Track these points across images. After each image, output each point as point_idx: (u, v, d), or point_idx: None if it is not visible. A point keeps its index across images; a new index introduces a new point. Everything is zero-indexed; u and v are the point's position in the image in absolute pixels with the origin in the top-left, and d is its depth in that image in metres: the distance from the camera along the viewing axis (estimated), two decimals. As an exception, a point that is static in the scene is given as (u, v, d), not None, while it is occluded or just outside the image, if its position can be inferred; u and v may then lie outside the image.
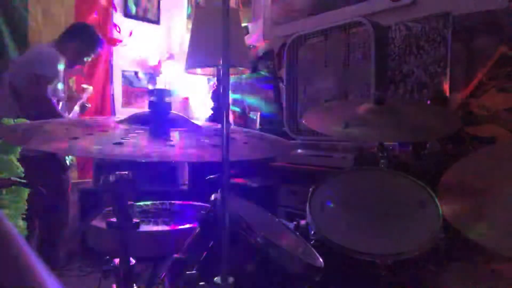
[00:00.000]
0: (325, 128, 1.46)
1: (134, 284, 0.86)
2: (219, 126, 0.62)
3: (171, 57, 3.94)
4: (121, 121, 0.87)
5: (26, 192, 1.71)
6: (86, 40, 2.50)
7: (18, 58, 2.43)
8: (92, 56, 2.61)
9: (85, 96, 2.79)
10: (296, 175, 2.08)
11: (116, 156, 0.67)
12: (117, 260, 0.85)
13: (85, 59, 2.57)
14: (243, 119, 3.13)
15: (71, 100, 2.68)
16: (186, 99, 3.86)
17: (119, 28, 3.64)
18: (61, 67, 2.31)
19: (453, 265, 1.08)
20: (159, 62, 3.92)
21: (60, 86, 2.37)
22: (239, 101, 3.21)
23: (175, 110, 0.91)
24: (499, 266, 1.00)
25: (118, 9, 3.65)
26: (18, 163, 1.77)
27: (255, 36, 3.12)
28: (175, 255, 0.91)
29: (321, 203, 1.22)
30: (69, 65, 2.50)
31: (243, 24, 3.02)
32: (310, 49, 2.35)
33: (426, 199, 1.20)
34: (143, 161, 0.68)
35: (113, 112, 3.62)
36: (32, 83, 2.21)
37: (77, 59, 2.52)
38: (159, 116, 0.87)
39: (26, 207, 1.67)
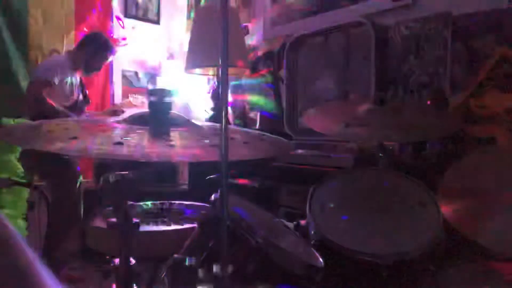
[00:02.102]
0: (325, 128, 1.46)
1: (134, 284, 0.86)
2: (219, 126, 0.62)
3: (171, 57, 3.94)
4: (121, 121, 0.87)
5: (26, 192, 1.72)
6: (95, 50, 2.66)
7: None
8: (105, 62, 2.78)
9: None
10: (296, 175, 2.07)
11: (116, 156, 0.67)
12: (117, 260, 0.85)
13: (100, 65, 2.74)
14: (243, 119, 3.13)
15: (115, 114, 2.80)
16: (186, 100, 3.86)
17: (123, 23, 3.64)
18: (62, 72, 2.47)
19: (453, 265, 1.08)
20: (159, 62, 3.92)
21: (67, 85, 2.53)
22: (239, 101, 3.21)
23: (175, 110, 0.91)
24: (499, 266, 1.00)
25: (118, 9, 3.65)
26: (18, 163, 1.77)
27: (255, 36, 3.12)
28: (175, 255, 0.91)
29: (321, 203, 1.22)
30: (85, 73, 2.73)
31: (243, 24, 3.02)
32: (310, 49, 2.35)
33: (426, 199, 1.20)
34: (143, 161, 0.68)
35: (113, 112, 3.62)
36: (29, 86, 2.48)
37: (90, 67, 2.70)
38: (159, 116, 0.87)
39: (26, 207, 1.67)
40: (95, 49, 2.67)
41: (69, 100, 2.56)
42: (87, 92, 2.83)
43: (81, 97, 2.72)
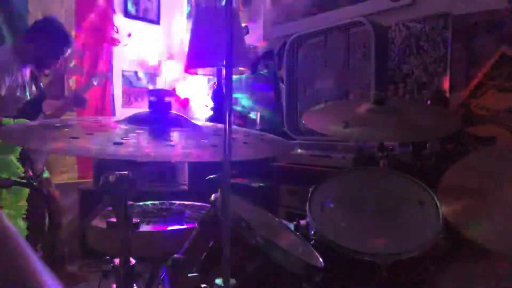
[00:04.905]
0: (325, 128, 1.46)
1: (134, 284, 0.86)
2: (219, 126, 0.62)
3: (171, 57, 3.94)
4: (121, 121, 0.87)
5: (26, 192, 1.71)
6: (47, 41, 2.24)
7: None
8: (61, 56, 2.36)
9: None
10: (296, 175, 2.07)
11: (116, 156, 0.67)
12: (117, 260, 0.85)
13: (55, 59, 2.33)
14: (243, 119, 3.13)
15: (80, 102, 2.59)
16: (186, 99, 3.86)
17: (117, 29, 3.63)
18: (8, 73, 2.09)
19: (453, 265, 1.08)
20: (159, 62, 3.92)
21: (17, 89, 2.16)
22: (239, 101, 3.21)
23: (175, 110, 0.91)
24: (499, 266, 1.00)
25: (118, 9, 3.65)
26: (18, 163, 1.76)
27: (255, 36, 3.12)
28: (175, 255, 0.91)
29: (321, 203, 1.22)
30: (37, 68, 2.31)
31: (243, 24, 3.02)
32: (310, 49, 2.34)
33: (426, 199, 1.20)
34: (143, 161, 0.68)
35: (113, 112, 3.61)
36: None
37: (42, 63, 2.31)
38: (159, 116, 0.87)
39: (26, 207, 1.67)
40: (47, 40, 2.21)
41: (19, 104, 2.19)
42: (41, 84, 2.40)
43: (34, 90, 2.29)
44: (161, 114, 0.88)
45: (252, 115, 3.07)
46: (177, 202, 1.72)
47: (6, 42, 2.93)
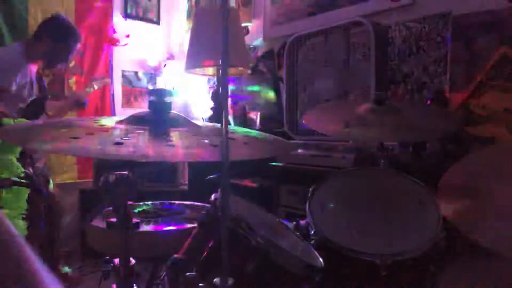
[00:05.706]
0: (325, 128, 1.46)
1: (134, 284, 0.86)
2: (219, 126, 0.62)
3: (171, 57, 3.94)
4: (121, 121, 0.87)
5: (26, 192, 1.71)
6: (57, 39, 2.26)
7: None
8: (71, 54, 2.39)
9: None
10: (296, 175, 2.07)
11: (116, 156, 0.67)
12: (117, 260, 0.85)
13: (66, 56, 2.36)
14: (243, 119, 3.13)
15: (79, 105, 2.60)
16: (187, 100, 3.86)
17: (115, 30, 3.63)
18: (18, 70, 2.12)
19: (453, 265, 1.08)
20: (159, 62, 3.92)
21: (26, 87, 2.19)
22: (239, 101, 3.21)
23: (175, 110, 0.91)
24: (499, 265, 1.00)
25: (118, 9, 3.65)
26: (18, 163, 1.76)
27: (255, 36, 3.12)
28: (175, 255, 0.91)
29: (321, 203, 1.22)
30: (47, 66, 2.34)
31: (243, 24, 3.02)
32: (310, 49, 2.34)
33: (426, 199, 1.20)
34: (143, 161, 0.68)
35: (113, 112, 3.62)
36: None
37: (52, 61, 2.33)
38: (159, 116, 0.87)
39: (26, 207, 1.66)
40: (57, 38, 2.24)
41: (26, 101, 2.21)
42: (45, 84, 2.44)
43: (36, 91, 2.30)
44: (161, 114, 0.88)
45: (252, 115, 3.07)
46: (177, 202, 1.72)
47: (6, 42, 2.94)
